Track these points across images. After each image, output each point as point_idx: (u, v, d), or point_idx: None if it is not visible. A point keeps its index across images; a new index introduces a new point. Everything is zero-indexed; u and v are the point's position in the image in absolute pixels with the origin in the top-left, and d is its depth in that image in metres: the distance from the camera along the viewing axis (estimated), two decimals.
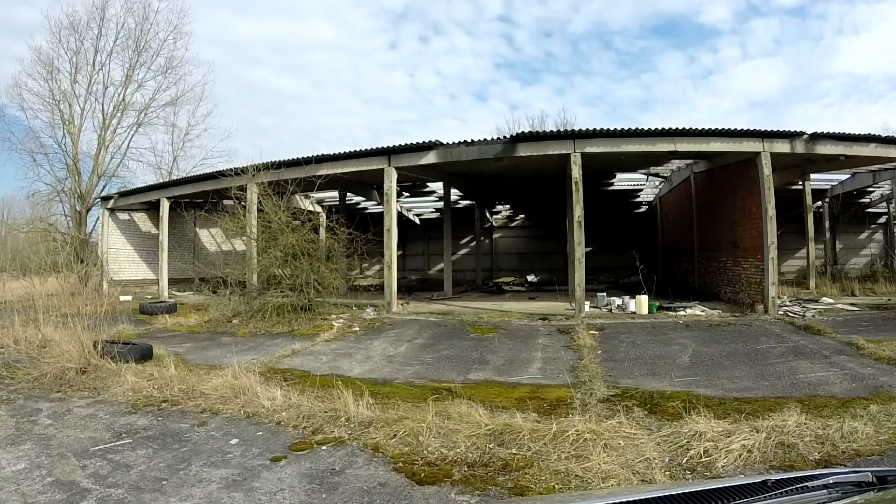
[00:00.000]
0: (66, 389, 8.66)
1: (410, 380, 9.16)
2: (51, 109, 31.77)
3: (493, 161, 17.71)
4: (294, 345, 12.44)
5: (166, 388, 8.14)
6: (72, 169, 31.78)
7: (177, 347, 12.45)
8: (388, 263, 17.63)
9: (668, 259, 28.59)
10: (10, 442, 6.28)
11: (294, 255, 16.56)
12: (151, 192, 27.14)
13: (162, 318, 17.31)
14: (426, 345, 12.28)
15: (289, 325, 15.15)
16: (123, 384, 8.46)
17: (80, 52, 32.31)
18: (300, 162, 18.90)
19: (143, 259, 30.37)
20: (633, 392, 8.02)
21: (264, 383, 8.02)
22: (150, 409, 7.46)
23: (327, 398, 7.30)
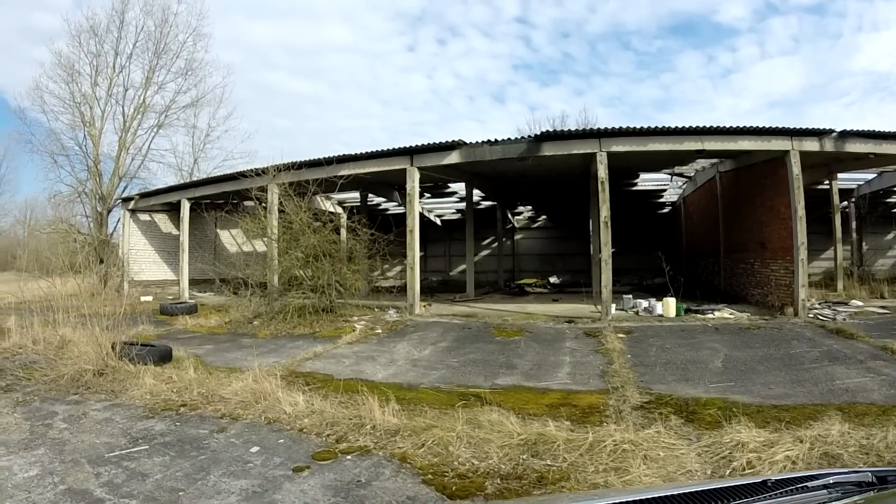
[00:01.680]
0: (82, 392, 8.46)
1: (436, 385, 8.85)
2: (72, 112, 32.04)
3: (516, 161, 17.43)
4: (316, 347, 12.17)
5: (185, 392, 7.90)
6: (93, 170, 32.03)
7: (197, 349, 12.22)
8: (411, 265, 17.34)
9: (692, 260, 28.12)
10: (23, 446, 6.05)
11: (315, 256, 16.34)
12: (172, 194, 27.20)
13: (182, 319, 17.15)
14: (451, 348, 11.98)
15: (310, 326, 14.91)
16: (141, 387, 8.23)
17: (100, 55, 32.69)
18: (321, 162, 18.69)
19: (164, 260, 30.44)
20: (668, 399, 7.69)
21: (286, 388, 7.76)
22: (168, 413, 7.21)
23: (351, 404, 7.03)
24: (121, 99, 33.30)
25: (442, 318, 16.39)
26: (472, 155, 17.07)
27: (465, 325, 14.92)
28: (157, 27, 33.77)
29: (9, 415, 7.41)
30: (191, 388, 8.01)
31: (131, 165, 33.68)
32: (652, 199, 32.39)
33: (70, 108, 31.95)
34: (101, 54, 32.66)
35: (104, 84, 32.73)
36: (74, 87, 31.93)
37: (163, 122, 34.61)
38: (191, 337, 14.34)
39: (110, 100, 32.95)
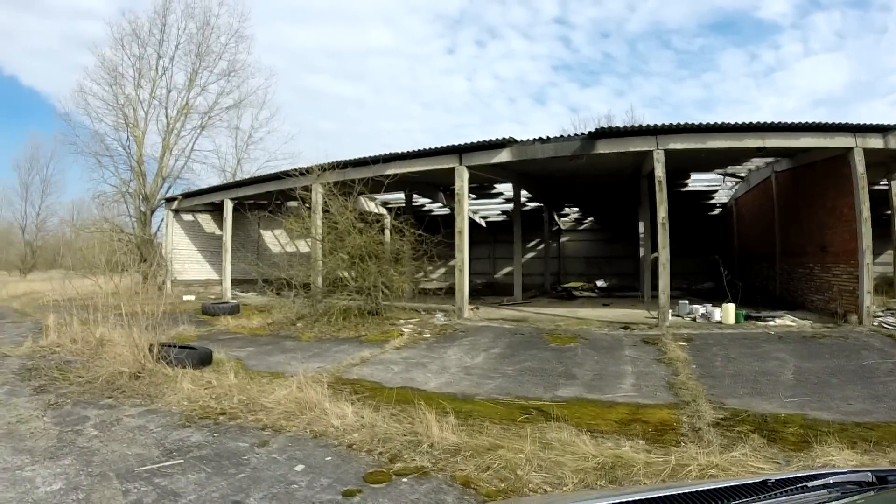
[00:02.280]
0: (117, 395, 8.00)
1: (494, 395, 8.21)
2: (115, 113, 32.47)
3: (567, 160, 16.76)
4: (362, 352, 11.62)
5: (224, 399, 7.39)
6: (136, 171, 32.42)
7: (238, 351, 11.76)
8: (460, 267, 16.73)
9: (744, 264, 27.01)
10: (49, 455, 5.60)
11: (361, 257, 15.82)
12: (215, 194, 27.17)
13: (224, 320, 16.84)
14: (504, 355, 11.34)
15: (355, 329, 14.37)
16: (178, 392, 7.75)
17: (143, 57, 33.11)
18: (367, 161, 18.20)
19: (207, 259, 30.51)
20: (743, 415, 7.00)
21: (332, 397, 7.21)
22: (206, 422, 6.67)
23: (404, 417, 6.46)
24: (164, 100, 33.65)
25: (491, 322, 15.75)
26: (522, 153, 16.40)
27: (516, 331, 14.26)
28: (199, 29, 34.10)
29: (38, 419, 7.00)
30: (231, 394, 7.51)
31: (175, 166, 33.93)
32: (702, 200, 31.24)
33: (113, 109, 32.39)
34: (143, 57, 33.12)
35: (147, 86, 33.16)
36: (118, 90, 32.42)
37: (206, 123, 34.92)
38: (232, 338, 13.93)
39: (153, 101, 33.36)
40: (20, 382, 9.06)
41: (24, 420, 6.94)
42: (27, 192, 58.00)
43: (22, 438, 6.21)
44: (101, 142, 32.79)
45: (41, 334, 12.90)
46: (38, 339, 12.51)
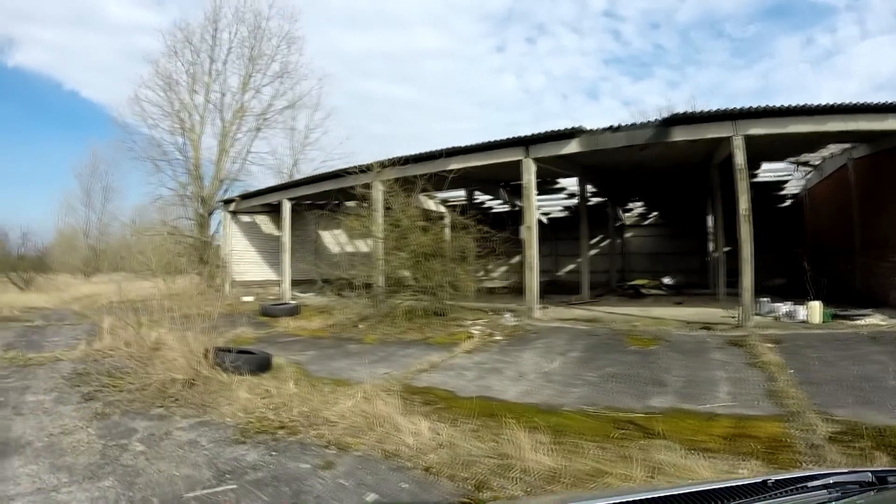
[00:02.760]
0: (168, 404, 7.36)
1: (581, 406, 7.31)
2: (171, 119, 33.21)
3: (637, 149, 15.82)
4: (431, 356, 10.83)
5: (284, 411, 6.67)
6: (193, 174, 33.04)
7: (298, 355, 11.09)
8: (530, 264, 15.90)
9: (818, 259, 25.39)
10: (89, 474, 5.00)
11: (425, 256, 15.07)
12: (272, 194, 26.98)
13: (284, 321, 16.33)
14: (584, 359, 10.47)
15: (421, 331, 13.63)
16: (234, 402, 7.07)
17: (196, 63, 33.76)
18: (429, 156, 17.54)
19: (266, 260, 30.41)
20: (859, 428, 5.99)
21: (403, 408, 6.46)
22: (263, 437, 5.96)
23: (487, 434, 5.68)
24: (218, 104, 34.26)
25: (563, 322, 14.92)
26: (592, 143, 15.44)
27: (591, 332, 13.41)
28: (251, 33, 34.62)
29: (83, 429, 6.44)
30: (291, 405, 6.80)
31: (232, 168, 34.41)
32: (772, 191, 29.77)
33: (169, 115, 33.11)
34: (196, 63, 33.76)
35: (201, 90, 33.81)
36: (172, 96, 33.13)
37: (261, 125, 35.33)
38: (292, 341, 13.30)
39: (208, 105, 34.00)
40: (69, 389, 8.57)
41: (67, 431, 6.39)
42: (89, 198, 59.83)
43: (62, 453, 5.66)
44: (158, 147, 33.45)
45: (96, 337, 12.50)
46: (92, 343, 12.11)
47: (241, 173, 34.76)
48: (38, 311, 21.16)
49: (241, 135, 34.69)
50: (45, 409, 7.43)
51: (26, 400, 7.94)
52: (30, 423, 6.74)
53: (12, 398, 8.06)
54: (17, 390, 8.56)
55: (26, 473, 5.13)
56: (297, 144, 39.20)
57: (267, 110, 35.21)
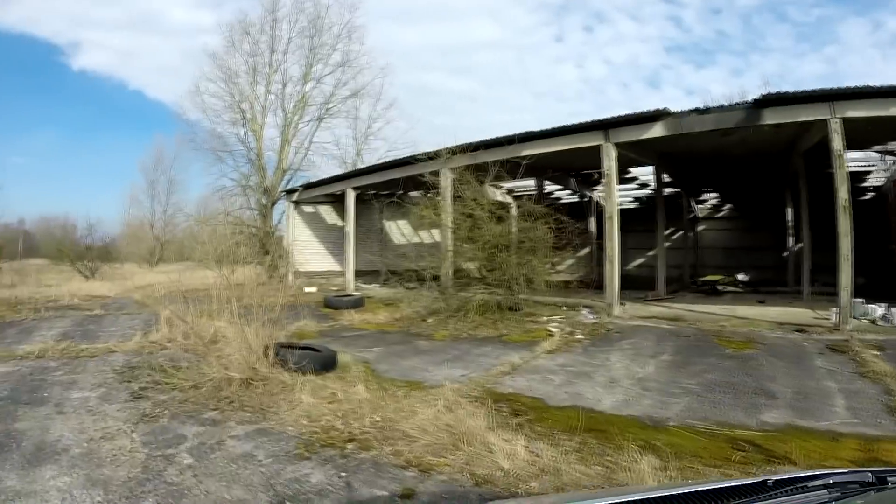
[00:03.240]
0: (223, 407, 6.56)
1: (688, 421, 6.28)
2: (232, 110, 33.43)
3: (720, 135, 14.62)
4: (510, 356, 9.89)
5: (353, 419, 5.80)
6: (256, 165, 33.20)
7: (365, 352, 10.26)
8: (610, 257, 14.87)
9: None
10: (126, 493, 4.26)
11: (499, 247, 14.11)
12: (337, 184, 26.57)
13: (348, 314, 15.59)
14: (677, 363, 9.41)
15: (494, 327, 12.69)
16: (296, 406, 6.25)
17: (256, 54, 33.90)
18: (501, 142, 16.51)
19: (329, 251, 30.23)
20: None
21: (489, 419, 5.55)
22: (330, 452, 5.08)
23: (591, 456, 4.85)
24: (280, 94, 34.24)
25: (646, 321, 13.89)
26: (677, 127, 14.25)
27: (677, 332, 12.36)
28: (310, 22, 34.41)
29: (127, 434, 5.70)
30: (361, 412, 5.94)
31: (294, 158, 34.27)
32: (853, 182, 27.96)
33: (230, 106, 33.34)
34: (256, 54, 33.86)
35: (262, 81, 33.86)
36: (233, 86, 33.36)
37: (323, 114, 35.09)
38: (357, 335, 12.53)
39: (269, 96, 34.01)
40: (118, 384, 7.88)
41: (109, 436, 5.66)
42: (154, 191, 62.18)
43: (101, 462, 4.93)
44: (220, 138, 33.87)
45: (153, 328, 12.03)
46: (148, 334, 11.59)
47: (304, 163, 34.61)
48: (100, 300, 20.90)
49: (304, 125, 34.67)
50: (89, 407, 6.76)
51: (71, 396, 7.30)
52: (70, 424, 6.08)
53: (56, 394, 7.42)
54: (63, 385, 7.93)
55: (57, 487, 4.44)
56: (360, 135, 38.76)
57: (329, 100, 34.98)
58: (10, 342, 11.61)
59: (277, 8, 33.71)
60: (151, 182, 62.25)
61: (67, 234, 41.86)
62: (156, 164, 62.07)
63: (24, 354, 10.02)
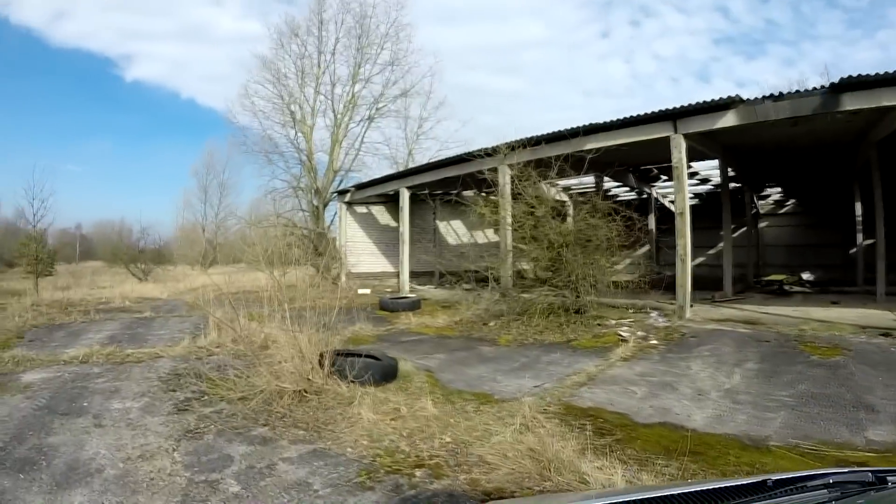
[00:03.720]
0: (274, 423, 5.93)
1: (790, 440, 5.53)
2: (281, 112, 33.58)
3: (789, 125, 13.55)
4: (583, 364, 9.13)
5: (420, 439, 5.14)
6: (307, 166, 33.31)
7: (426, 359, 9.60)
8: (682, 256, 13.94)
9: None
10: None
11: (566, 246, 13.35)
12: (390, 183, 26.10)
13: (404, 317, 15.04)
14: (764, 372, 8.54)
15: (560, 332, 11.92)
16: (355, 424, 5.60)
17: (304, 56, 34.05)
18: (564, 135, 15.67)
19: (382, 252, 30.00)
20: None
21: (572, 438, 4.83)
22: (397, 480, 4.40)
23: None
24: (329, 95, 34.32)
25: (719, 324, 12.93)
26: (751, 115, 13.18)
27: (755, 336, 11.40)
28: (357, 22, 34.32)
29: (167, 454, 5.14)
30: (429, 431, 5.27)
31: (345, 159, 34.30)
32: None
33: (279, 108, 33.47)
34: (304, 55, 33.98)
35: (311, 82, 33.95)
36: (282, 88, 33.44)
37: (373, 114, 34.99)
38: (416, 340, 11.89)
39: (319, 97, 34.09)
40: (163, 394, 7.38)
41: (148, 455, 5.12)
42: (206, 195, 63.91)
43: (136, 488, 4.37)
44: (270, 140, 33.92)
45: (202, 331, 11.63)
46: (197, 338, 11.20)
47: (355, 164, 34.60)
48: (151, 302, 20.78)
49: (354, 125, 34.60)
50: (130, 420, 6.23)
51: (111, 407, 6.80)
52: (108, 440, 5.56)
53: (96, 404, 6.93)
54: (105, 394, 7.45)
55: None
56: (412, 134, 38.44)
57: (379, 99, 34.84)
58: (55, 346, 11.33)
59: (324, 9, 33.84)
60: (203, 186, 64.02)
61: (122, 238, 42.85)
62: (208, 169, 63.86)
63: (69, 359, 9.69)
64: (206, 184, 63.84)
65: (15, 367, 9.16)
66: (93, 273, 37.35)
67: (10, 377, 8.47)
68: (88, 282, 29.92)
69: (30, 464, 4.91)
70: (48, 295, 22.09)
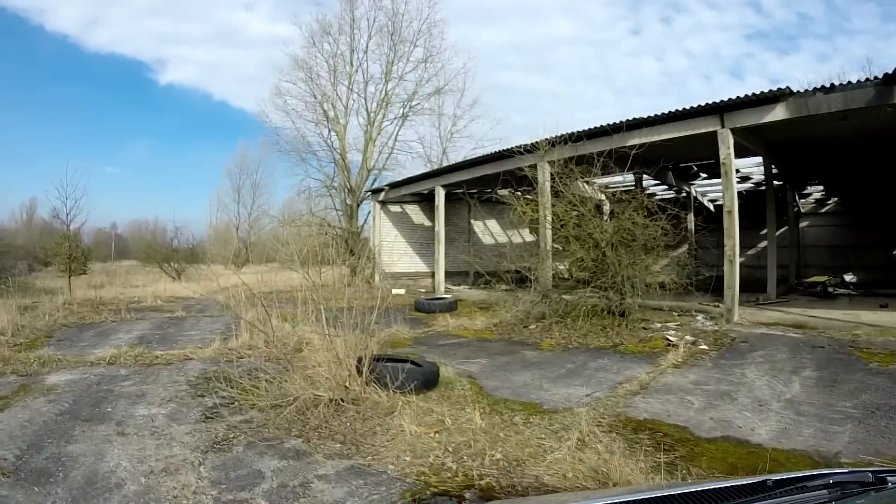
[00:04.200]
0: (308, 434, 5.54)
1: (861, 456, 5.08)
2: (314, 111, 33.40)
3: (837, 119, 12.82)
4: (633, 370, 8.63)
5: (468, 454, 4.73)
6: (340, 165, 33.17)
7: (467, 364, 9.16)
8: (730, 256, 13.41)
9: None
10: None
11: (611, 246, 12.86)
12: (425, 181, 25.75)
13: (441, 318, 14.59)
14: (824, 381, 7.98)
15: (605, 335, 11.47)
16: (396, 437, 5.19)
17: (336, 54, 33.75)
18: (606, 131, 15.15)
19: (416, 251, 29.71)
20: None
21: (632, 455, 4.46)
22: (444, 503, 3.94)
23: None
24: (362, 93, 34.07)
25: (768, 328, 12.37)
26: (801, 108, 12.50)
27: (809, 342, 10.78)
28: (389, 19, 33.90)
29: (193, 468, 4.80)
30: (477, 447, 4.85)
31: (379, 158, 34.06)
32: None
33: (312, 107, 33.32)
34: (336, 54, 33.69)
35: (344, 81, 33.76)
36: (314, 87, 33.24)
37: (407, 112, 34.62)
38: (455, 343, 11.51)
39: (352, 95, 33.84)
40: (190, 399, 7.10)
41: (172, 468, 4.79)
42: (239, 195, 65.01)
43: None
44: (303, 139, 33.83)
45: (233, 333, 11.38)
46: (228, 339, 11.00)
47: (389, 163, 34.37)
48: (183, 301, 20.69)
49: (387, 123, 34.33)
50: (155, 428, 5.93)
51: (136, 413, 6.51)
52: (130, 450, 5.25)
53: (120, 409, 6.66)
54: (130, 398, 7.19)
55: None
56: (446, 132, 38.09)
57: (412, 97, 34.45)
58: (83, 346, 11.22)
59: (355, 7, 33.56)
60: (237, 186, 65.04)
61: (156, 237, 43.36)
62: (240, 169, 64.80)
63: (96, 360, 9.53)
64: (239, 184, 64.85)
65: (40, 368, 9.04)
66: (127, 272, 37.70)
67: (34, 379, 8.34)
68: (122, 280, 30.23)
69: (46, 475, 4.65)
70: (81, 293, 22.26)
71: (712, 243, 33.83)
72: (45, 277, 32.03)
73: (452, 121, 37.89)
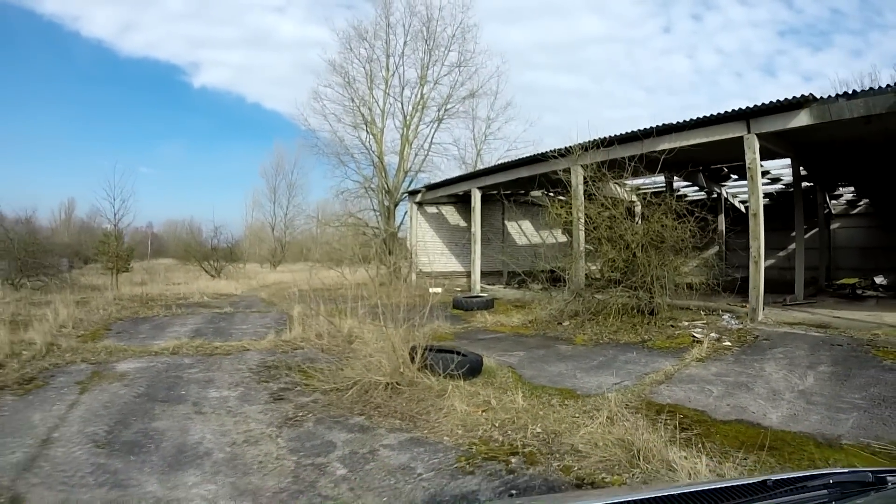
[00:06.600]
0: (370, 412, 6.24)
1: (862, 439, 5.63)
2: (352, 114, 33.85)
3: (861, 123, 13.02)
4: (659, 363, 9.25)
5: (512, 429, 5.38)
6: (378, 167, 33.52)
7: (506, 356, 9.78)
8: (755, 258, 13.87)
9: None
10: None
11: (642, 247, 13.39)
12: (460, 184, 26.24)
13: (479, 315, 15.18)
14: (837, 375, 8.51)
15: (635, 332, 12.03)
16: (448, 414, 5.87)
17: (372, 59, 34.26)
18: (636, 136, 15.68)
19: (451, 251, 30.24)
20: None
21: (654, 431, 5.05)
22: (494, 466, 4.65)
23: None
24: (398, 97, 34.58)
25: (792, 327, 12.76)
26: (824, 114, 12.87)
27: (829, 341, 11.23)
28: (423, 25, 34.40)
29: (271, 440, 5.49)
30: (520, 422, 5.51)
31: (415, 160, 34.49)
32: None
33: (349, 110, 33.83)
34: (372, 58, 34.26)
35: (380, 85, 34.28)
36: (352, 91, 33.75)
37: (442, 115, 35.05)
38: (493, 338, 12.09)
39: (388, 98, 34.33)
40: (256, 385, 7.76)
41: (253, 440, 5.47)
42: (275, 195, 66.02)
43: (247, 470, 4.70)
44: (341, 142, 34.25)
45: (285, 326, 12.02)
46: (281, 332, 11.53)
47: (425, 164, 34.81)
48: (227, 298, 21.37)
49: (423, 126, 34.76)
50: (229, 408, 6.61)
51: (209, 395, 7.21)
52: (210, 426, 5.93)
53: (193, 392, 7.36)
54: (200, 383, 7.89)
55: (201, 496, 4.22)
56: (480, 135, 38.59)
57: (447, 101, 34.92)
58: (143, 337, 11.87)
59: (390, 13, 34.18)
60: (272, 186, 65.94)
61: (193, 236, 43.81)
62: (276, 170, 65.82)
63: (159, 350, 10.18)
64: (274, 184, 65.77)
65: (108, 357, 9.66)
66: (165, 270, 38.45)
67: (105, 366, 8.96)
68: (162, 278, 30.89)
69: (138, 446, 5.27)
70: (127, 290, 22.88)
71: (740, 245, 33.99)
72: (86, 274, 32.79)
73: (486, 123, 38.36)
